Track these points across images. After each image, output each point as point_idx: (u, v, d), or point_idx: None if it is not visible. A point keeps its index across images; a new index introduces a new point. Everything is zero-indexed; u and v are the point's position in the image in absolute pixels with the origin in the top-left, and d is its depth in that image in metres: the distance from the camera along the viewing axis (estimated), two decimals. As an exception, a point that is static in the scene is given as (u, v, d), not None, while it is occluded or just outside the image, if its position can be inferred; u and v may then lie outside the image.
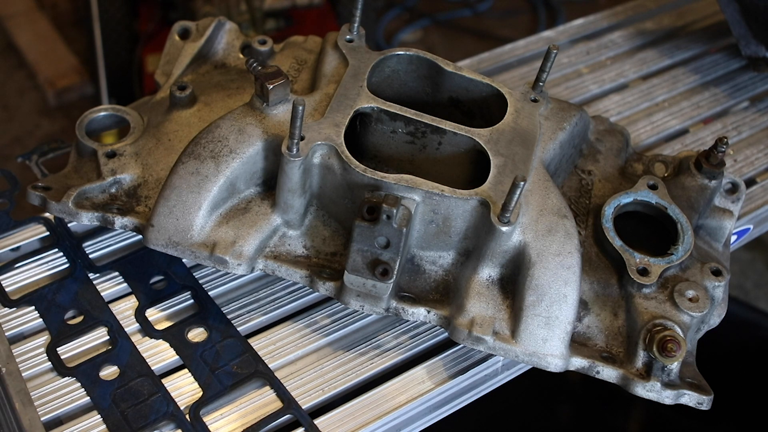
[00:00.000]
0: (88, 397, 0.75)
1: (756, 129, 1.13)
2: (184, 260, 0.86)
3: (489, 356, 0.82)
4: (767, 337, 1.58)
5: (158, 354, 0.79)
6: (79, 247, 0.86)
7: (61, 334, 0.79)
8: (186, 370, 0.78)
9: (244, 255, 0.78)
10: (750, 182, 1.05)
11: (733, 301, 1.15)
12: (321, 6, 2.42)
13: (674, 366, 0.77)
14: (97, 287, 0.83)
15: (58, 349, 0.78)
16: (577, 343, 0.79)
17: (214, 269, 0.85)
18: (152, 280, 0.85)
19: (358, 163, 0.76)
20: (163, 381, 0.76)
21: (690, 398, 0.78)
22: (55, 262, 0.86)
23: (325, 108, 0.81)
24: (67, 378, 0.76)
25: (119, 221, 0.81)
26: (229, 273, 0.85)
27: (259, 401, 0.76)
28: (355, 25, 0.89)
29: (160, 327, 0.81)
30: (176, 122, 0.87)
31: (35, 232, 0.88)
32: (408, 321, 0.83)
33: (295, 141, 0.74)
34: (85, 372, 0.76)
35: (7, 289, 0.82)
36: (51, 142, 0.93)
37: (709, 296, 0.81)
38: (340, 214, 0.81)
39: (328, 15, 2.49)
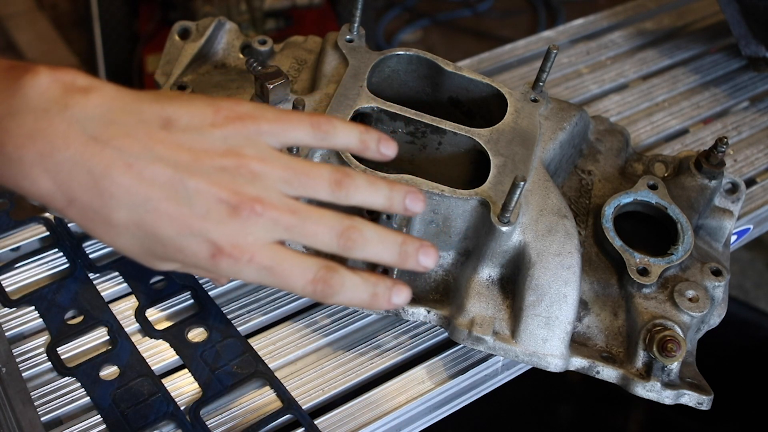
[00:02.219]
0: (88, 397, 0.75)
1: (756, 129, 1.13)
2: (184, 260, 0.86)
3: (489, 356, 0.82)
4: (767, 337, 1.58)
5: (158, 354, 0.79)
6: (79, 247, 0.86)
7: (61, 334, 0.79)
8: (186, 370, 0.78)
9: (244, 255, 0.78)
10: (750, 182, 1.05)
11: (733, 301, 1.15)
12: (321, 6, 2.42)
13: (674, 366, 0.77)
14: (97, 287, 0.83)
15: (58, 349, 0.78)
16: (577, 343, 0.80)
17: (214, 269, 0.85)
18: (152, 280, 0.85)
19: (358, 163, 0.76)
20: (163, 381, 0.76)
21: (690, 398, 0.78)
22: (55, 262, 0.86)
23: (325, 108, 0.81)
24: (67, 378, 0.76)
25: (119, 221, 0.80)
26: (229, 273, 0.85)
27: (259, 401, 0.76)
28: (355, 25, 0.89)
29: (160, 327, 0.81)
30: (176, 122, 0.87)
31: (35, 232, 0.88)
32: (408, 321, 0.83)
33: (295, 141, 0.74)
34: (86, 372, 0.76)
35: (7, 289, 0.82)
36: (51, 142, 0.93)
37: (709, 296, 0.81)
38: (340, 214, 0.81)
39: (328, 15, 2.49)
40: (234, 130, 0.55)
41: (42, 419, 0.73)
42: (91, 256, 0.86)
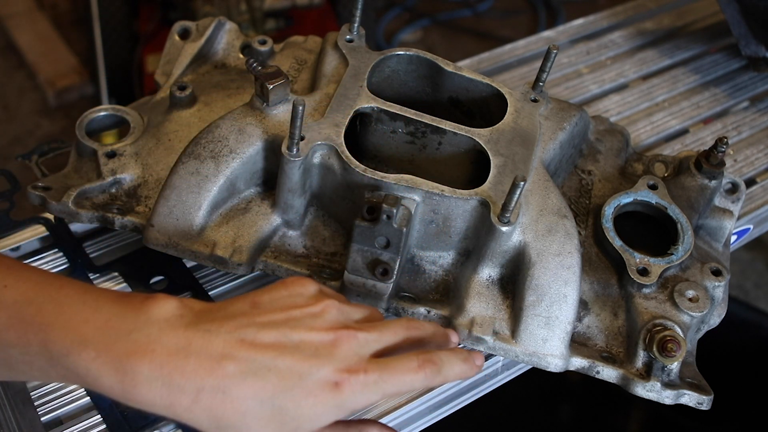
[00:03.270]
0: (88, 397, 0.75)
1: (756, 129, 1.13)
2: (184, 260, 0.86)
3: (489, 356, 0.82)
4: (767, 337, 1.58)
5: (158, 354, 0.79)
6: (79, 247, 0.86)
7: (61, 334, 0.79)
8: (186, 370, 0.77)
9: (244, 255, 0.78)
10: (750, 182, 1.05)
11: (733, 301, 1.15)
12: (321, 6, 2.42)
13: (674, 366, 0.77)
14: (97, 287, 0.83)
15: (58, 349, 0.78)
16: (577, 343, 0.80)
17: (214, 269, 0.85)
18: (152, 280, 0.85)
19: (357, 163, 0.76)
20: (163, 381, 0.76)
21: (690, 398, 0.78)
22: (55, 262, 0.86)
23: (325, 108, 0.81)
24: (67, 378, 0.76)
25: (119, 221, 0.81)
26: (229, 273, 0.85)
27: (259, 401, 0.76)
28: (355, 25, 0.89)
29: (160, 327, 0.81)
30: (176, 122, 0.87)
31: (35, 232, 0.88)
32: (408, 321, 0.83)
33: (295, 141, 0.74)
34: (85, 372, 0.76)
35: (7, 289, 0.82)
36: (51, 142, 0.93)
37: (709, 296, 0.81)
38: (340, 214, 0.81)
39: (328, 15, 2.49)
40: (308, 289, 0.66)
41: (42, 419, 0.73)
42: (91, 256, 0.86)
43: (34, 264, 0.85)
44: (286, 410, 0.59)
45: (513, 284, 0.78)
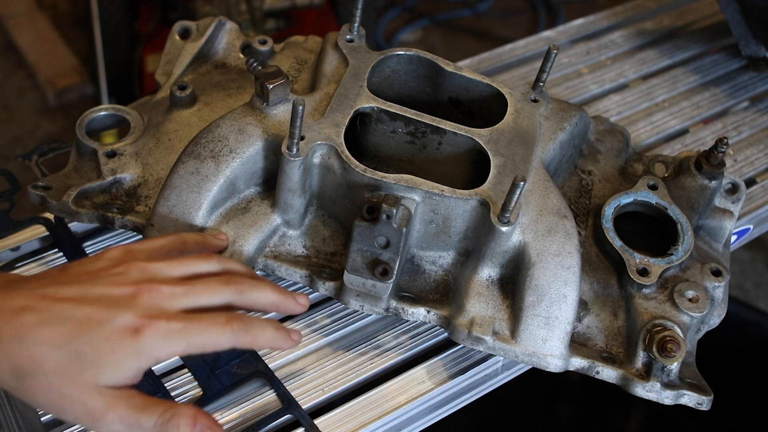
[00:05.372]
0: (88, 397, 0.74)
1: (756, 129, 1.13)
2: (184, 260, 0.86)
3: (489, 356, 0.82)
4: (767, 337, 1.58)
5: (158, 354, 0.79)
6: (79, 247, 0.86)
7: (61, 334, 0.79)
8: (186, 370, 0.78)
9: (244, 254, 0.78)
10: (750, 182, 1.05)
11: (733, 301, 1.14)
12: (321, 6, 2.42)
13: (674, 366, 0.77)
14: (97, 287, 0.83)
15: (58, 349, 0.78)
16: (577, 343, 0.80)
17: (214, 269, 0.85)
18: (152, 280, 0.84)
19: (357, 163, 0.76)
20: (163, 380, 0.76)
21: (690, 399, 0.78)
22: (55, 262, 0.86)
23: (325, 108, 0.81)
24: (67, 378, 0.76)
25: (119, 221, 0.81)
26: (229, 273, 0.85)
27: (259, 401, 0.76)
28: (355, 25, 0.89)
29: (160, 327, 0.81)
30: (176, 122, 0.87)
31: (35, 232, 0.88)
32: (408, 321, 0.83)
33: (295, 141, 0.74)
34: (85, 372, 0.76)
35: (7, 289, 0.82)
36: (51, 142, 0.93)
37: (709, 296, 0.81)
38: (340, 214, 0.81)
39: (328, 15, 2.49)
40: (116, 253, 0.67)
41: (42, 419, 0.73)
42: (90, 256, 0.86)
43: (34, 264, 0.85)
44: (83, 355, 0.59)
45: (513, 284, 0.78)
